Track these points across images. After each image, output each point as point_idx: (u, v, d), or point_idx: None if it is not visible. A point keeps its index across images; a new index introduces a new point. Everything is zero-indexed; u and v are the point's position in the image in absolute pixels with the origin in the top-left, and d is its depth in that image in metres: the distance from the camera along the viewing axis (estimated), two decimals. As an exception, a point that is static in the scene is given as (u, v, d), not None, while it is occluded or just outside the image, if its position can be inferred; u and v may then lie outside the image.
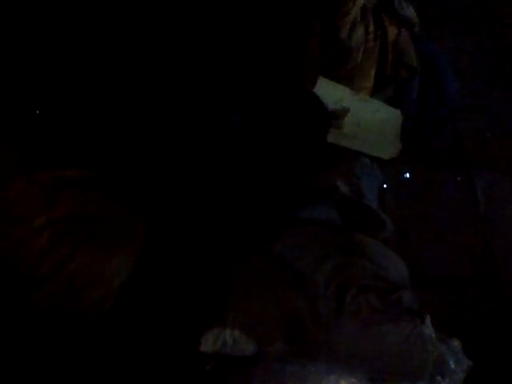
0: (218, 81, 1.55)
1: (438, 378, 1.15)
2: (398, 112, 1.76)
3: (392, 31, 1.83)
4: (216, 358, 1.20)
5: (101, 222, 1.40)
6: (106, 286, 1.30)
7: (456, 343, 1.22)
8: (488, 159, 1.92)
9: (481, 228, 1.73)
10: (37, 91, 1.57)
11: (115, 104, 1.57)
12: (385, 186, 1.72)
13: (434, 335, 1.21)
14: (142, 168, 1.51)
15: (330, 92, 1.73)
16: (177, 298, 1.30)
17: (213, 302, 1.25)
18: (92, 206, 1.42)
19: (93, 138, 1.53)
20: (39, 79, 1.57)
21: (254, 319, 1.21)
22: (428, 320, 1.23)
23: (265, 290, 1.26)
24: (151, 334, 1.27)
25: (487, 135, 1.99)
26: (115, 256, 1.35)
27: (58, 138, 1.54)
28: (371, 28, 1.78)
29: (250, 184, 1.52)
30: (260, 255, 1.34)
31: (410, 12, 1.89)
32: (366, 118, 1.73)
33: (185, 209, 1.49)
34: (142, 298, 1.31)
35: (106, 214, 1.41)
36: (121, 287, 1.31)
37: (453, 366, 1.16)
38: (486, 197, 1.81)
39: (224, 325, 1.19)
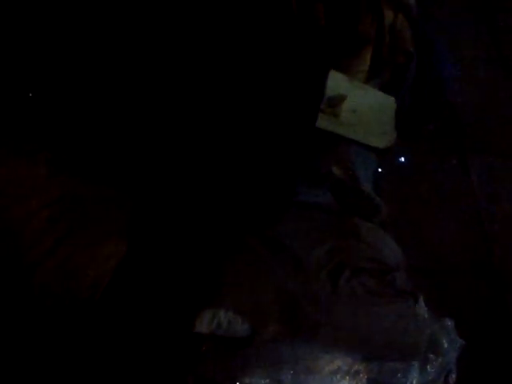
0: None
1: (431, 356, 1.15)
2: (392, 99, 1.76)
3: (389, 15, 1.82)
4: (211, 339, 1.20)
5: (95, 204, 1.40)
6: (100, 267, 1.30)
7: (449, 323, 1.22)
8: (484, 143, 1.92)
9: (476, 211, 1.74)
10: (29, 74, 1.57)
11: (105, 88, 1.56)
12: (380, 170, 1.72)
13: (427, 315, 1.21)
14: (133, 148, 1.50)
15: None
16: (172, 279, 1.30)
17: (208, 282, 1.25)
18: (85, 188, 1.42)
19: (85, 120, 1.53)
20: (31, 62, 1.56)
21: (249, 300, 1.21)
22: (421, 300, 1.23)
23: (260, 272, 1.26)
24: (146, 315, 1.27)
25: (483, 119, 1.99)
26: (110, 237, 1.36)
27: (50, 120, 1.53)
28: (368, 12, 1.77)
29: (249, 167, 1.52)
30: (255, 237, 1.35)
31: (408, -3, 1.88)
32: (361, 105, 1.73)
33: (181, 190, 1.49)
34: (137, 279, 1.32)
35: (100, 195, 1.42)
36: (116, 268, 1.31)
37: (446, 345, 1.17)
38: (481, 180, 1.81)
39: (219, 306, 1.19)
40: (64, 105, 1.56)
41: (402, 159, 1.83)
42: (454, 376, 1.17)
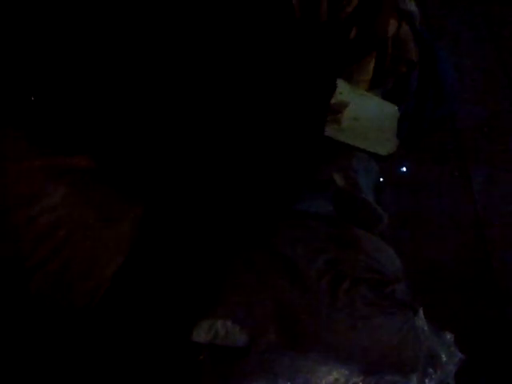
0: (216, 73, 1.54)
1: (430, 370, 1.14)
2: (394, 108, 1.76)
3: (392, 24, 1.82)
4: (209, 348, 1.19)
5: (95, 210, 1.39)
6: (99, 274, 1.30)
7: (449, 336, 1.22)
8: (485, 155, 1.92)
9: (477, 224, 1.73)
10: (30, 77, 1.56)
11: (111, 90, 1.56)
12: (381, 179, 1.71)
13: (426, 328, 1.20)
14: (138, 156, 1.50)
15: (328, 85, 1.72)
16: (170, 288, 1.30)
17: (206, 292, 1.25)
18: (87, 194, 1.41)
19: (89, 124, 1.53)
20: (32, 64, 1.56)
21: (247, 310, 1.20)
22: (421, 312, 1.22)
23: (258, 282, 1.26)
24: (144, 324, 1.26)
25: (485, 130, 1.98)
26: (109, 244, 1.35)
27: (53, 124, 1.53)
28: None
29: (249, 176, 1.51)
30: (254, 247, 1.34)
31: (411, 6, 1.88)
32: (363, 112, 1.72)
33: (181, 199, 1.49)
34: (135, 288, 1.31)
35: (101, 201, 1.41)
36: (114, 276, 1.30)
37: (445, 359, 1.16)
38: (482, 192, 1.80)
39: (216, 315, 1.19)
40: (66, 107, 1.56)
41: (404, 169, 1.82)
42: (452, 390, 1.17)
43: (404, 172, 1.81)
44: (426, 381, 1.14)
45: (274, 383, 1.13)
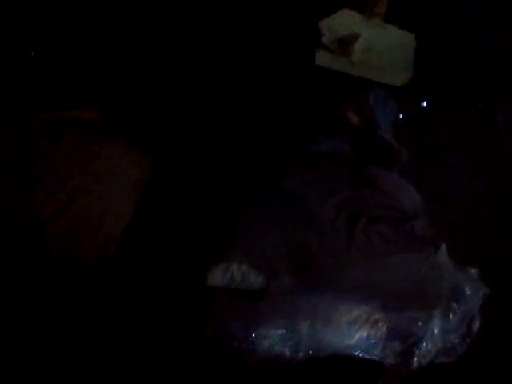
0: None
1: (454, 304, 1.11)
2: (412, 36, 1.67)
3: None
4: (225, 292, 1.18)
5: (104, 163, 1.38)
6: (110, 228, 1.30)
7: (473, 271, 1.18)
8: (510, 87, 1.80)
9: (502, 159, 1.64)
10: (30, 32, 1.54)
11: (116, 41, 1.54)
12: (401, 116, 1.64)
13: (449, 263, 1.16)
14: (147, 104, 1.48)
15: (340, 18, 1.65)
16: (183, 236, 1.29)
17: (220, 237, 1.23)
18: (95, 146, 1.40)
19: (95, 76, 1.51)
20: (32, 19, 1.54)
21: (262, 253, 1.18)
22: (443, 248, 1.18)
23: (271, 225, 1.23)
24: (159, 271, 1.26)
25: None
26: (119, 197, 1.34)
27: (56, 78, 1.51)
28: None
29: (259, 119, 1.48)
30: (267, 190, 1.31)
31: None
32: (377, 43, 1.65)
33: (193, 146, 1.47)
34: (148, 237, 1.30)
35: (110, 153, 1.39)
36: (126, 228, 1.30)
37: (468, 293, 1.12)
38: (508, 126, 1.70)
39: (232, 259, 1.17)
40: (69, 59, 1.54)
41: (425, 104, 1.73)
42: (477, 323, 1.13)
43: (425, 107, 1.72)
44: (450, 315, 1.11)
45: (292, 322, 1.11)
